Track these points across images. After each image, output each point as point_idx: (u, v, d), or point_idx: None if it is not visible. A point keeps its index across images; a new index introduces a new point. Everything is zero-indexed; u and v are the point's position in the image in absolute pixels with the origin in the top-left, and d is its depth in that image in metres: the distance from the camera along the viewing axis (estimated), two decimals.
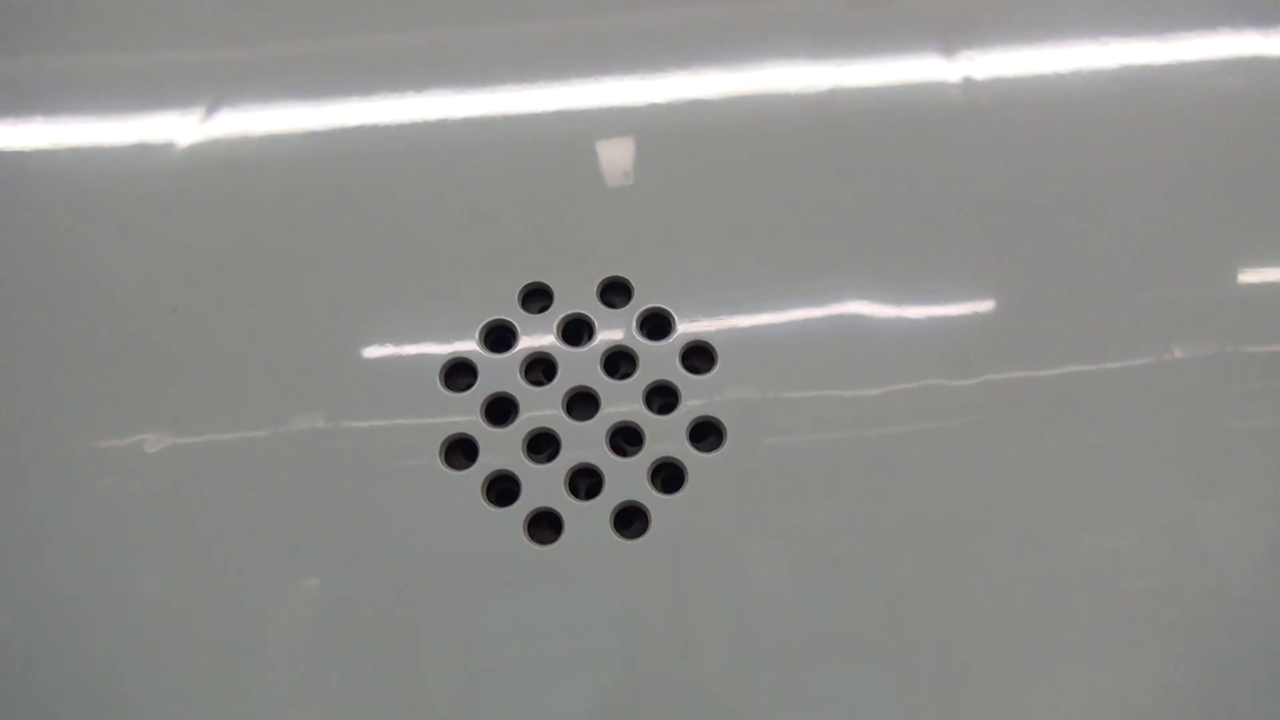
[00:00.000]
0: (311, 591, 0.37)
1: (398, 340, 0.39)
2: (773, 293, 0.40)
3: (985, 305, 0.39)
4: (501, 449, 0.38)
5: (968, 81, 0.43)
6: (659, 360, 0.39)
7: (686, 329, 0.39)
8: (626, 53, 0.45)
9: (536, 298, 0.40)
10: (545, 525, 0.37)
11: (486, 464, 0.38)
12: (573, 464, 0.38)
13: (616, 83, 0.44)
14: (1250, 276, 0.40)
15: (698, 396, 0.38)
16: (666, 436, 0.38)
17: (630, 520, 0.37)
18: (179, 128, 0.43)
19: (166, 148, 0.42)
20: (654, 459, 0.37)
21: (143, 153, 0.43)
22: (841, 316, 0.39)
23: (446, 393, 0.39)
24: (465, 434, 0.38)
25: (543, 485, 0.37)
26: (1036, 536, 0.36)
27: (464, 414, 0.38)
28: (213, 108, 0.43)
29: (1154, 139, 0.42)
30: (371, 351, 0.39)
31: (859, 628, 0.36)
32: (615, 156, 0.43)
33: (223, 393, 0.39)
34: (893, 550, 0.37)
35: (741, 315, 0.39)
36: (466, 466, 0.38)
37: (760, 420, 0.38)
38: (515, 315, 0.40)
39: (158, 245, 0.41)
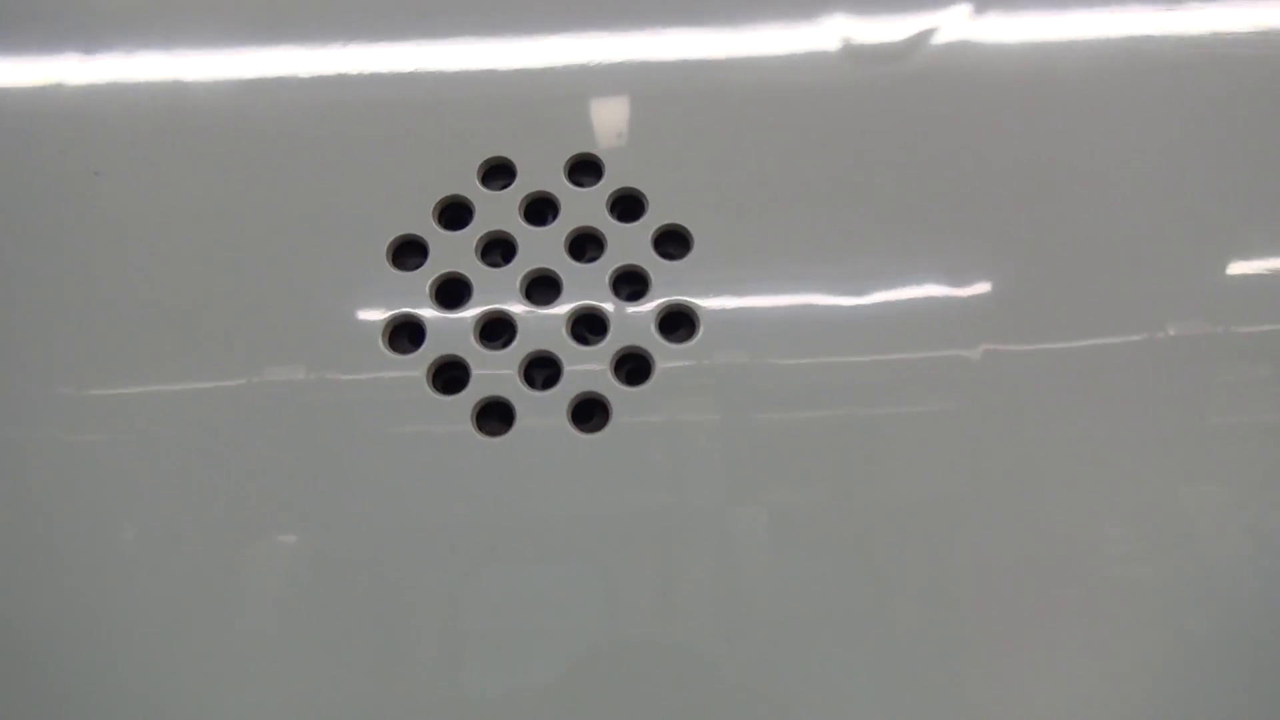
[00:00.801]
0: (244, 488, 0.33)
1: (341, 213, 0.36)
2: (756, 179, 0.36)
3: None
4: (451, 334, 0.34)
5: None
6: (629, 244, 0.35)
7: (661, 212, 0.36)
8: None
9: (497, 174, 0.37)
10: (495, 416, 0.34)
11: (434, 348, 0.34)
12: (529, 351, 0.34)
13: None
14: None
15: (669, 284, 0.35)
16: (633, 325, 0.34)
17: (590, 413, 0.34)
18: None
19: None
20: (618, 348, 0.34)
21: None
22: (826, 211, 0.36)
23: (393, 271, 0.35)
24: (412, 315, 0.35)
25: (495, 373, 0.34)
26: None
27: (411, 294, 0.35)
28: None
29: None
30: (312, 223, 0.36)
31: (826, 547, 0.33)
32: (591, 34, 0.39)
33: (165, 267, 0.35)
34: (869, 465, 0.33)
35: (720, 199, 0.36)
36: (412, 350, 0.34)
37: (736, 310, 0.34)
38: (473, 191, 0.36)
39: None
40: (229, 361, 0.34)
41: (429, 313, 0.35)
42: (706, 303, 0.34)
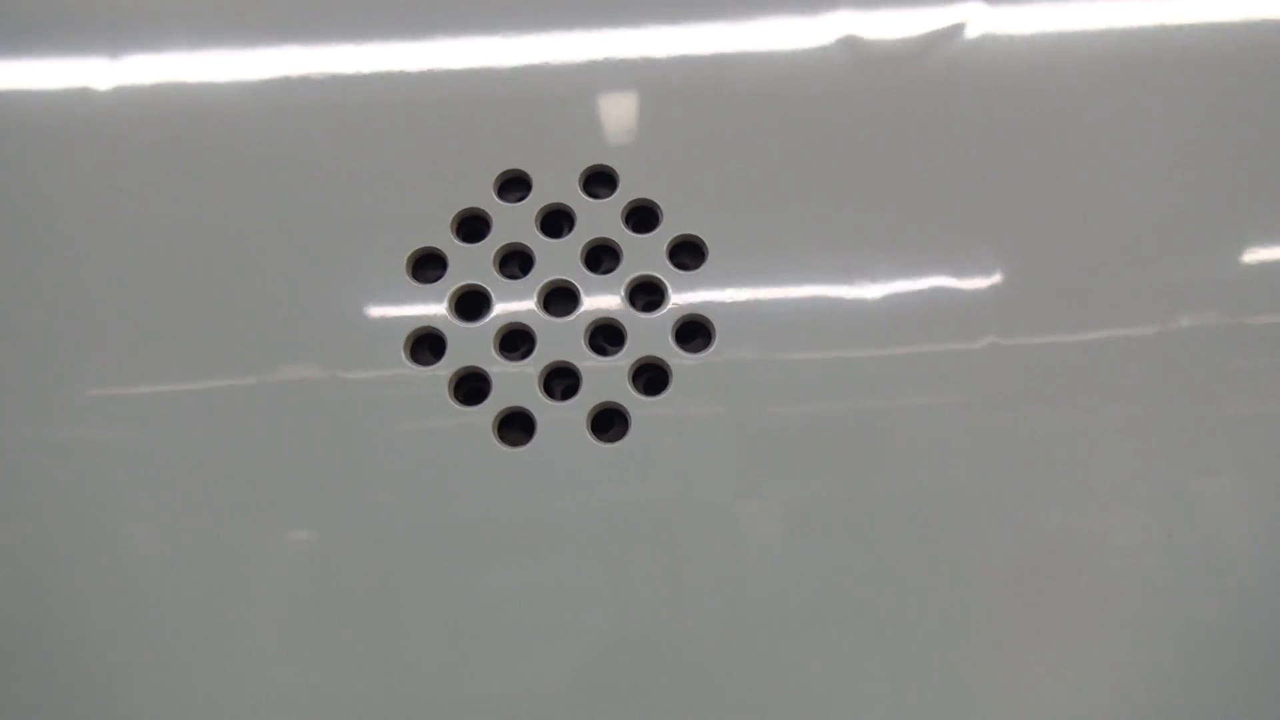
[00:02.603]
0: (268, 496, 0.34)
1: (362, 228, 0.36)
2: (769, 189, 0.37)
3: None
4: (471, 345, 0.35)
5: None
6: (645, 254, 0.36)
7: (675, 222, 0.36)
8: None
9: (514, 186, 0.37)
10: (516, 426, 0.34)
11: (454, 360, 0.35)
12: (548, 362, 0.35)
13: None
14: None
15: (685, 294, 0.35)
16: (650, 335, 0.35)
17: (609, 423, 0.34)
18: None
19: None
20: (636, 359, 0.35)
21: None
22: (839, 219, 0.36)
23: (414, 284, 0.36)
24: (432, 328, 0.35)
25: (515, 384, 0.34)
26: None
27: (432, 307, 0.35)
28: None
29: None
30: (333, 238, 0.36)
31: (843, 550, 0.33)
32: (605, 44, 0.39)
33: (178, 294, 0.36)
34: (888, 464, 0.34)
35: (735, 209, 0.36)
36: (433, 363, 0.35)
37: (751, 320, 0.35)
38: (490, 204, 0.37)
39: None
40: (254, 373, 0.35)
41: (449, 324, 0.35)
42: (722, 311, 0.35)
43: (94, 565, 0.34)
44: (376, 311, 0.36)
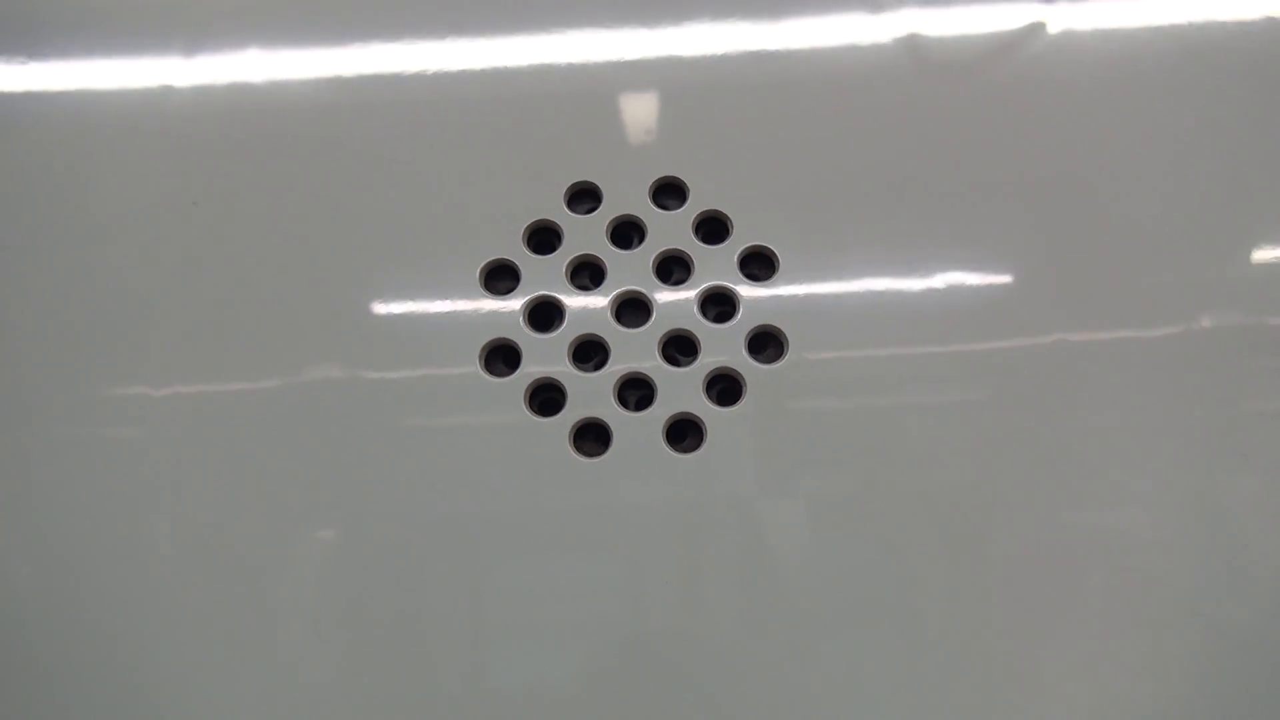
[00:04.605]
0: (341, 501, 0.34)
1: (436, 241, 0.37)
2: (838, 199, 0.37)
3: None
4: (545, 356, 0.35)
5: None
6: (716, 265, 0.36)
7: (746, 233, 0.36)
8: None
9: (584, 198, 0.37)
10: (592, 437, 0.35)
11: (529, 372, 0.35)
12: (622, 373, 0.35)
13: None
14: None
15: (757, 305, 0.36)
16: (723, 346, 0.35)
17: (684, 434, 0.35)
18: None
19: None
20: (709, 369, 0.35)
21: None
22: (910, 228, 0.37)
23: (487, 296, 0.36)
24: (507, 339, 0.35)
25: (589, 395, 0.35)
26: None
27: (506, 319, 0.36)
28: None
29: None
30: (408, 252, 0.37)
31: (922, 553, 0.34)
32: (673, 55, 0.40)
33: (251, 298, 0.36)
34: (954, 473, 0.34)
35: (805, 219, 0.37)
36: (508, 374, 0.35)
37: (824, 330, 0.35)
38: (561, 216, 0.37)
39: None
40: (329, 382, 0.35)
41: (523, 334, 0.35)
42: (794, 321, 0.35)
43: (162, 563, 0.34)
44: (451, 322, 0.36)
